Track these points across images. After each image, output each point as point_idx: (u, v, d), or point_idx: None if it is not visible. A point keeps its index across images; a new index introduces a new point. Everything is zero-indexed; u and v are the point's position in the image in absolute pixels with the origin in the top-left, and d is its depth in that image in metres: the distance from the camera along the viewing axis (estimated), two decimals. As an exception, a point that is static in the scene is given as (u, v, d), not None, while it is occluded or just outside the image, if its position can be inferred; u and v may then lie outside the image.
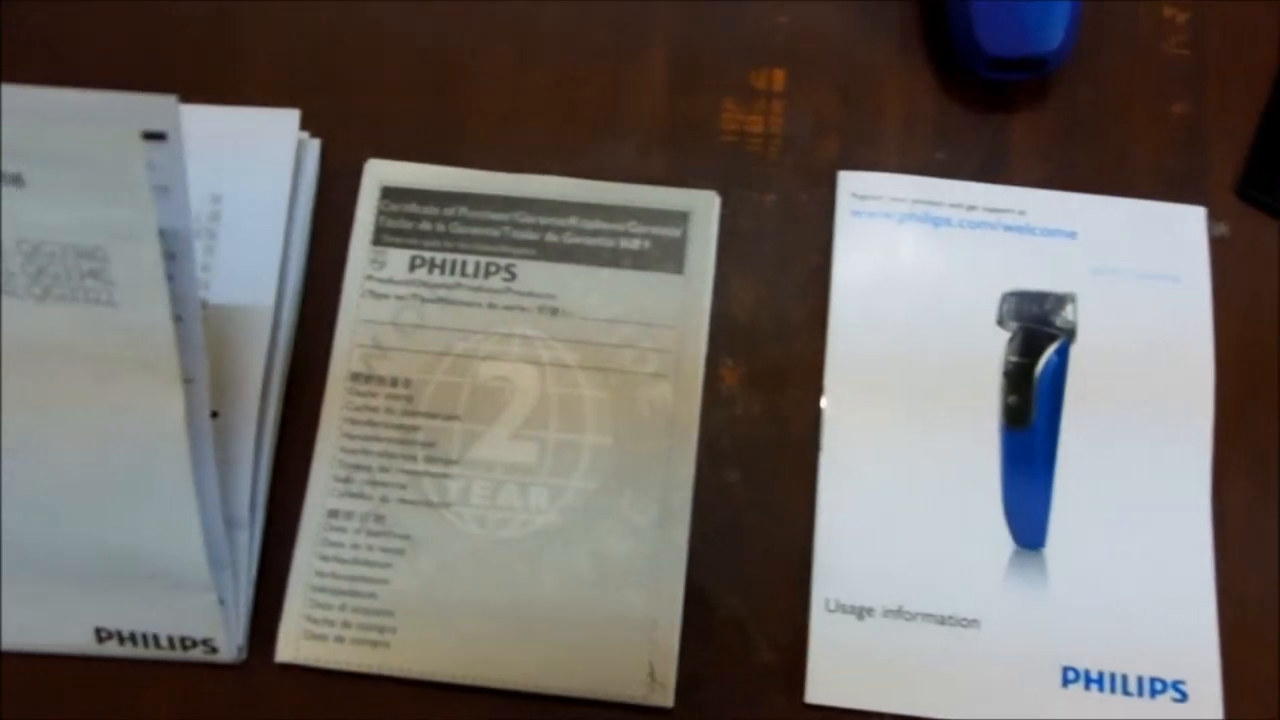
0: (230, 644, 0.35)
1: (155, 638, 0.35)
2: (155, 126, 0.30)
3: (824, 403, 0.37)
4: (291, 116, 0.38)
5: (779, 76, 0.40)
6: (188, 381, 0.31)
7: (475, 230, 0.38)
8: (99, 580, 0.34)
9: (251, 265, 0.37)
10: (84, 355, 0.31)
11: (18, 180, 0.29)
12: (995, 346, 0.37)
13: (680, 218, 0.38)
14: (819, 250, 0.38)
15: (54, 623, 0.35)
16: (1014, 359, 0.36)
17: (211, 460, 0.33)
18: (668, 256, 0.38)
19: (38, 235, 0.30)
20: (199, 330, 0.31)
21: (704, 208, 0.38)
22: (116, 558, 0.33)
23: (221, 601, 0.34)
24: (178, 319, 0.31)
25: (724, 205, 0.39)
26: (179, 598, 0.34)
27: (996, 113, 0.40)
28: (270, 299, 0.36)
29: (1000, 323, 0.37)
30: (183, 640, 0.35)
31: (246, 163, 0.37)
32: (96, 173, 0.29)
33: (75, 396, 0.31)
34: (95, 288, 0.30)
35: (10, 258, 0.30)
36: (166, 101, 0.29)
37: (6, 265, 0.30)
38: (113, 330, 0.30)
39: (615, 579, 0.35)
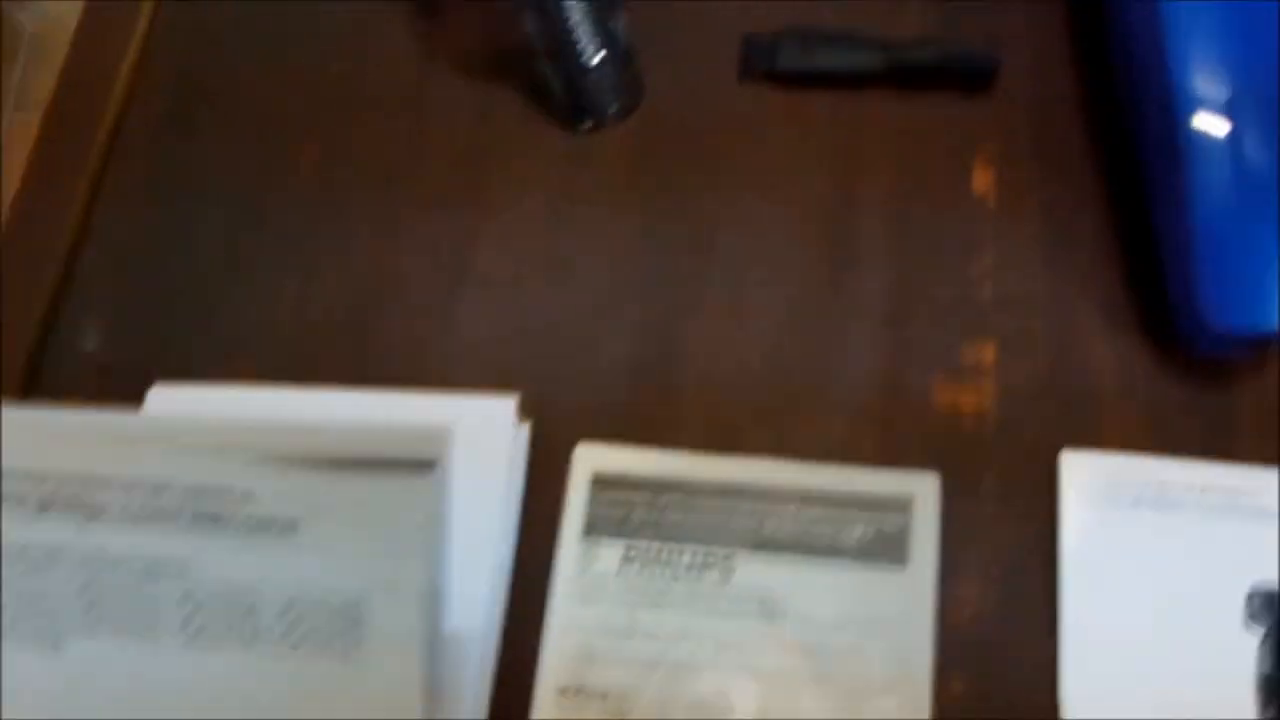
0: None
1: None
2: (426, 456, 0.29)
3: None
4: (507, 405, 0.38)
5: (989, 351, 0.40)
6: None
7: (691, 518, 0.37)
8: None
9: (463, 569, 0.36)
10: (326, 707, 0.30)
11: (291, 528, 0.29)
12: (1245, 652, 0.35)
13: (902, 503, 0.37)
14: (1044, 538, 0.37)
15: None
16: (1268, 670, 0.35)
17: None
18: (891, 547, 0.36)
19: (300, 587, 0.29)
20: (437, 679, 0.30)
21: (926, 492, 0.37)
22: None
23: None
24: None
25: (942, 489, 0.38)
26: None
27: (1219, 384, 0.39)
28: (479, 619, 0.35)
29: (1248, 624, 0.35)
30: None
31: (461, 456, 0.37)
32: (369, 518, 0.29)
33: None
34: (348, 639, 0.29)
35: (267, 609, 0.29)
36: (438, 433, 0.29)
37: (262, 618, 0.29)
38: (360, 685, 0.30)
39: None
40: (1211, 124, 0.37)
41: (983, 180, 0.42)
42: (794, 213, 0.42)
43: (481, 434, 0.37)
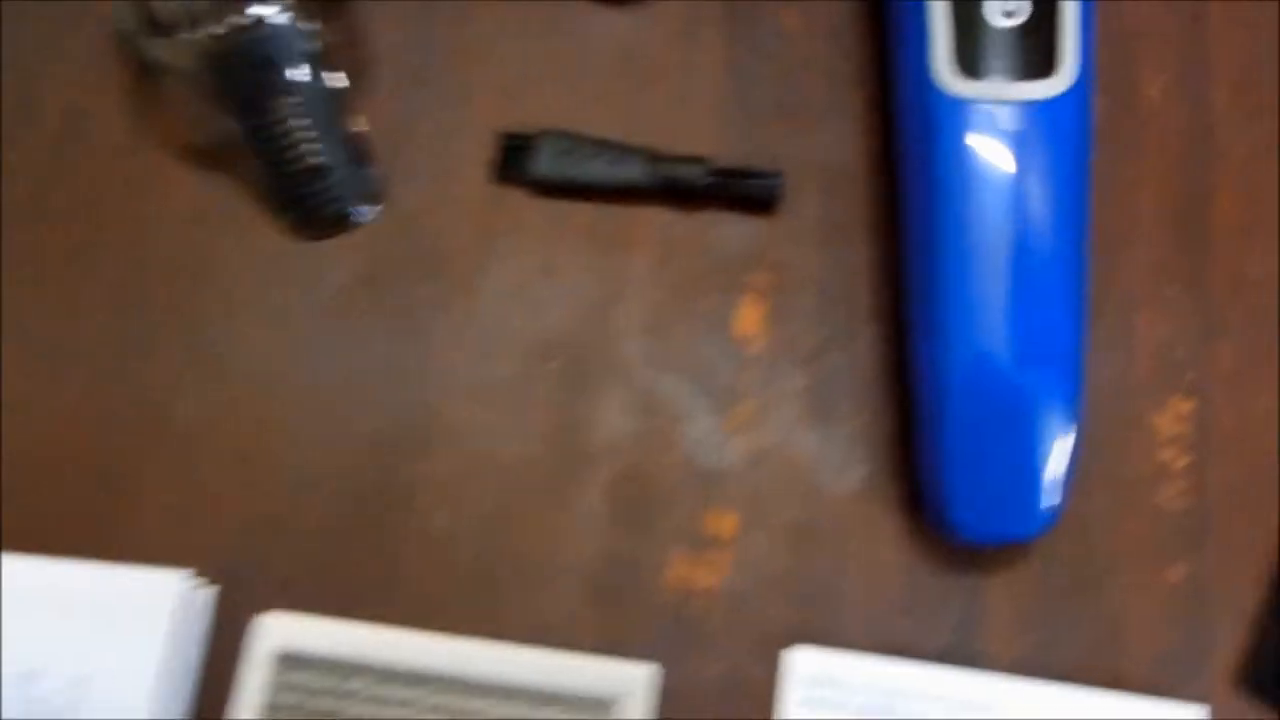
0: None
1: None
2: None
3: None
4: (173, 577, 0.34)
5: (729, 523, 0.36)
6: None
7: (377, 711, 0.34)
8: None
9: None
10: None
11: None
12: None
13: (607, 704, 0.34)
14: (766, 744, 0.34)
15: None
16: None
17: None
18: (594, 751, 0.33)
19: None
20: None
21: (636, 691, 0.34)
22: None
23: None
24: None
25: (663, 680, 0.34)
26: None
27: (971, 573, 0.36)
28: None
29: None
30: None
31: (118, 635, 0.33)
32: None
33: None
34: None
35: None
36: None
37: None
38: None
39: None
40: (968, 352, 0.33)
41: (750, 319, 0.38)
42: (533, 346, 0.38)
43: (146, 608, 0.33)
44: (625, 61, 0.41)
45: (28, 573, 0.34)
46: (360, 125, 0.39)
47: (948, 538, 0.34)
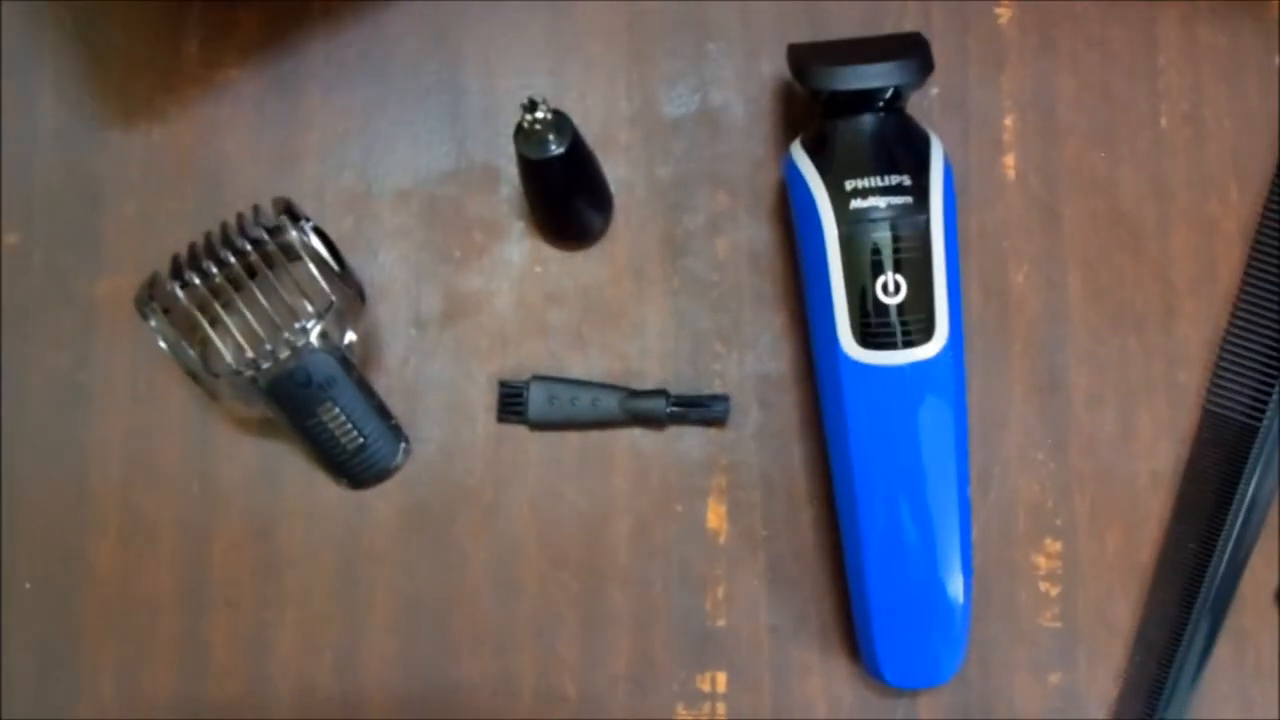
0: None
1: None
2: None
3: None
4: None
5: (721, 679, 0.47)
6: None
7: None
8: None
9: None
10: None
11: None
12: None
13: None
14: None
15: None
16: None
17: None
18: None
19: None
20: None
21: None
22: None
23: None
24: None
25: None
26: None
27: (904, 698, 0.47)
28: None
29: None
30: None
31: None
32: None
33: None
34: None
35: None
36: None
37: None
38: None
39: None
40: (880, 544, 0.43)
41: (715, 515, 0.48)
42: (548, 551, 0.48)
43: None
44: (588, 299, 0.49)
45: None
46: (378, 388, 0.48)
47: (883, 684, 0.46)
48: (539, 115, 0.43)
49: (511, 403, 0.48)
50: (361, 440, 0.46)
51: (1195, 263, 0.49)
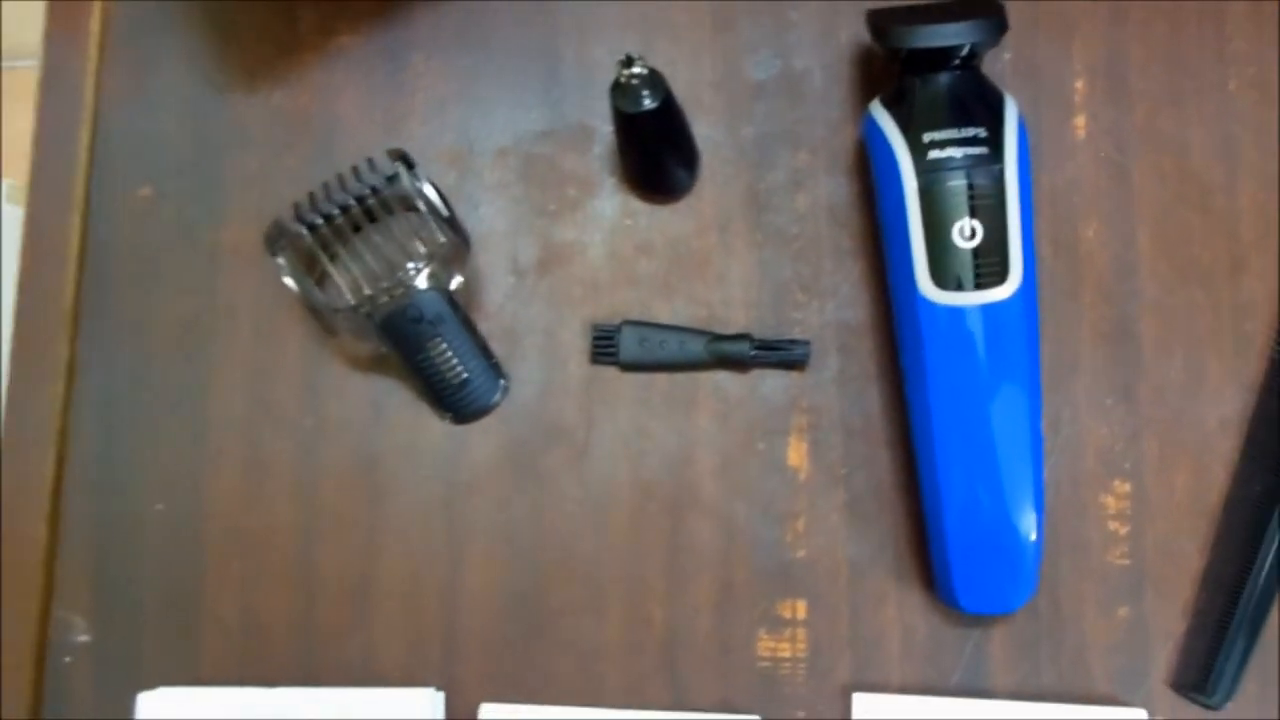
0: None
1: None
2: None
3: None
4: (425, 693, 0.48)
5: (800, 608, 0.50)
6: None
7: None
8: None
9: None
10: None
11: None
12: None
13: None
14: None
15: None
16: None
17: None
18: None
19: None
20: None
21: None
22: None
23: None
24: None
25: (762, 729, 0.49)
26: None
27: (975, 629, 0.49)
28: None
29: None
30: None
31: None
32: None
33: None
34: None
35: None
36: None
37: None
38: None
39: None
40: (957, 479, 0.46)
41: (796, 453, 0.51)
42: (636, 490, 0.51)
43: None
44: (675, 251, 0.52)
45: (304, 703, 0.48)
46: (481, 328, 0.51)
47: (957, 611, 0.48)
48: (635, 70, 0.46)
49: (604, 345, 0.51)
50: (465, 376, 0.50)
51: (1261, 219, 0.51)
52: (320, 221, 0.47)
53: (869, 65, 0.53)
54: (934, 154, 0.46)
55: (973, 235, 0.46)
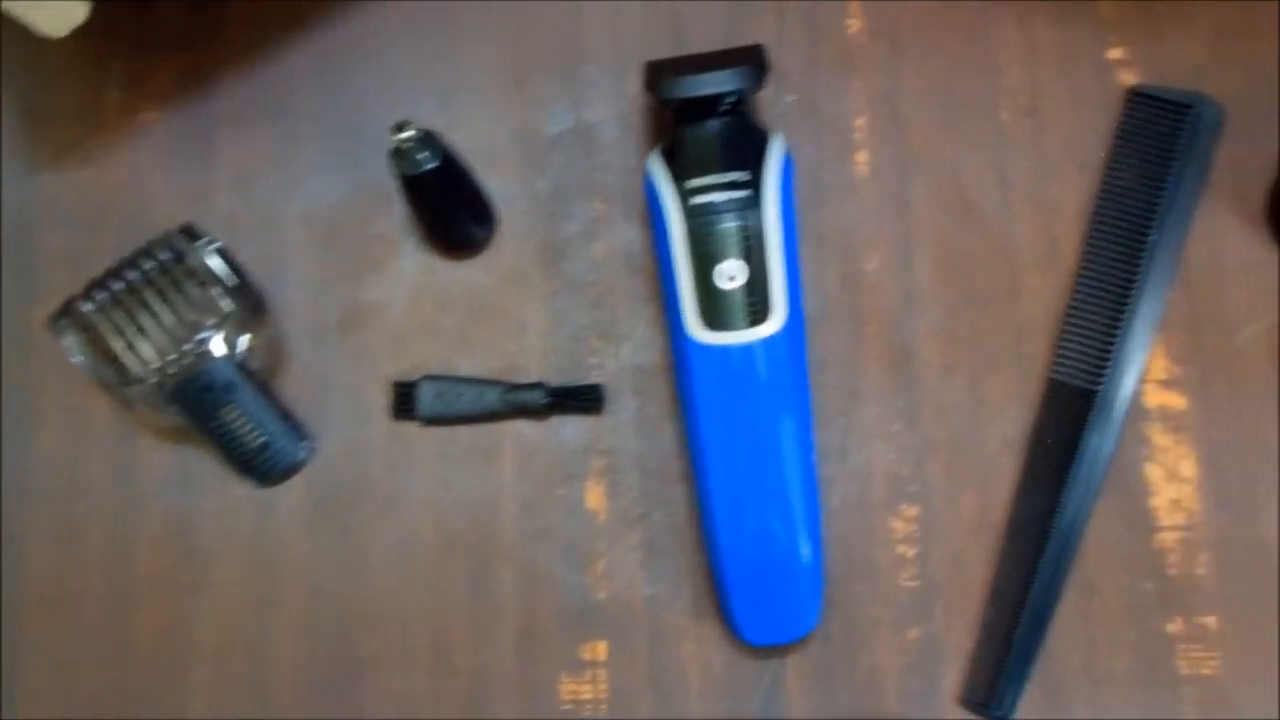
0: None
1: None
2: None
3: None
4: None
5: (601, 648, 0.51)
6: None
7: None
8: None
9: None
10: None
11: None
12: None
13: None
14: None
15: None
16: None
17: None
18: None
19: None
20: None
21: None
22: None
23: None
24: None
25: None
26: None
27: (772, 658, 0.50)
28: None
29: None
30: None
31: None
32: None
33: None
34: None
35: None
36: None
37: None
38: None
39: None
40: (734, 517, 0.47)
41: (595, 496, 0.52)
42: (441, 535, 0.52)
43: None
44: (474, 304, 0.54)
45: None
46: (281, 392, 0.52)
47: (745, 643, 0.49)
48: (406, 135, 0.48)
49: (404, 401, 0.52)
50: (264, 439, 0.51)
51: (1038, 242, 0.53)
52: (107, 299, 0.48)
53: (660, 115, 0.55)
54: (696, 199, 0.48)
55: (735, 277, 0.47)
